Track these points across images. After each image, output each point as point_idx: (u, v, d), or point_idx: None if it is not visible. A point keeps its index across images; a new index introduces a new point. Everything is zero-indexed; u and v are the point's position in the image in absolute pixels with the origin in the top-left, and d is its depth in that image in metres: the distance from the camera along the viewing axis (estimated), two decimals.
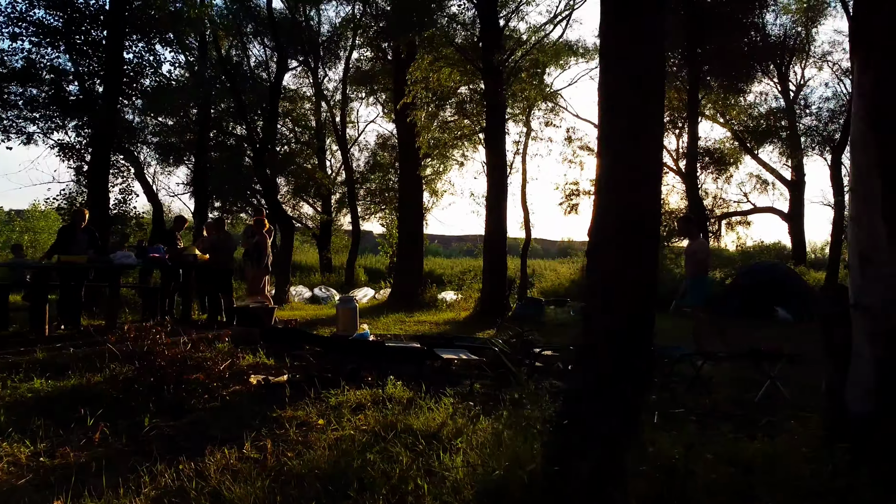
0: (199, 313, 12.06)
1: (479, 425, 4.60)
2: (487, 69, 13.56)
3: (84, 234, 10.07)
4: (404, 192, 17.17)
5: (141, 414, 4.72)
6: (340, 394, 5.44)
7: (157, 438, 4.31)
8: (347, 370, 6.38)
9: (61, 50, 13.62)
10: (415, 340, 8.60)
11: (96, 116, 13.07)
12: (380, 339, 9.34)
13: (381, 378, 6.09)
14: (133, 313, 12.07)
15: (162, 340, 6.05)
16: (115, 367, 5.91)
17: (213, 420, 4.77)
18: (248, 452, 3.95)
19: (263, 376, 5.98)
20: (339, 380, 5.93)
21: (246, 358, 6.91)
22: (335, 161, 28.88)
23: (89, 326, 10.22)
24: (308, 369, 6.67)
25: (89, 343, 8.47)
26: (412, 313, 14.09)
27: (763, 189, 27.27)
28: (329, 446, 4.01)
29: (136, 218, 16.93)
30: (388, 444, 4.00)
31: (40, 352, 7.37)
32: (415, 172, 16.69)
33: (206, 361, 5.95)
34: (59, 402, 5.06)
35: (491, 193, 13.87)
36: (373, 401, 5.25)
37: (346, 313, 9.88)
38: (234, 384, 5.76)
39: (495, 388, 5.77)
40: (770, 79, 25.94)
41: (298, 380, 6.01)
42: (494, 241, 13.81)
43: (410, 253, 16.80)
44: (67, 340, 8.67)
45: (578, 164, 23.72)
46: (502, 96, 13.75)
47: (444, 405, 5.08)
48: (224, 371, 5.90)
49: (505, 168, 14.06)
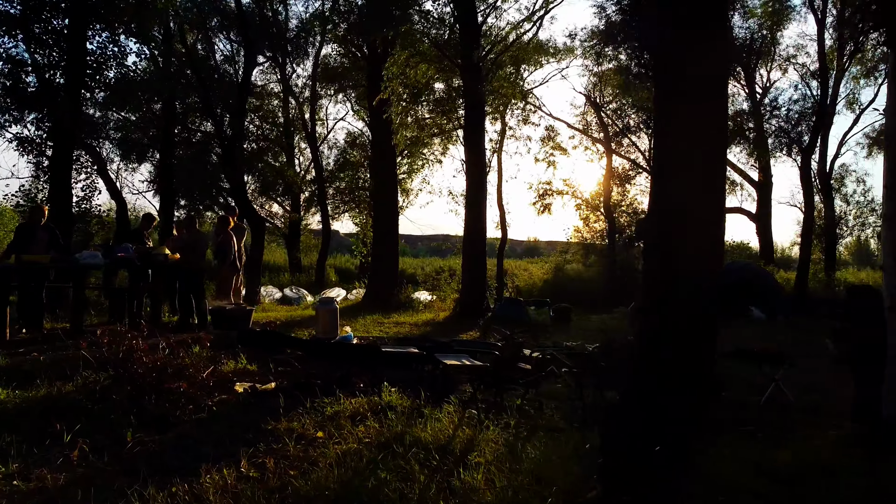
0: (168, 315, 11.56)
1: (488, 435, 4.36)
2: (466, 66, 13.33)
3: (45, 233, 9.47)
4: (379, 190, 16.82)
5: (122, 428, 4.35)
6: (335, 402, 5.13)
7: (142, 455, 3.94)
8: (338, 376, 6.05)
9: (19, 39, 12.90)
10: (401, 343, 8.32)
11: (58, 109, 12.40)
12: (363, 341, 9.02)
13: (373, 384, 5.80)
14: (99, 316, 11.53)
15: (139, 346, 5.67)
16: (89, 374, 5.50)
17: (202, 434, 4.41)
18: (246, 471, 3.63)
19: (250, 384, 5.62)
20: (331, 387, 5.61)
21: (228, 364, 6.53)
22: (304, 159, 28.36)
23: (53, 330, 9.71)
24: (295, 375, 6.33)
25: (54, 348, 8.00)
26: (389, 314, 13.77)
27: (731, 189, 27.68)
28: (335, 463, 3.71)
29: (99, 216, 16.22)
30: (398, 460, 3.72)
31: (2, 357, 6.90)
32: (390, 171, 16.37)
33: (187, 369, 5.58)
34: (29, 416, 4.65)
35: (470, 192, 13.63)
36: (371, 410, 4.96)
37: (326, 315, 9.51)
38: (218, 393, 5.39)
39: (496, 395, 5.53)
40: (736, 80, 26.30)
41: (287, 387, 5.67)
42: (473, 240, 13.58)
43: (385, 253, 16.46)
44: (30, 345, 8.16)
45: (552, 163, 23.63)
46: (481, 93, 13.52)
47: (447, 414, 4.83)
48: (207, 379, 5.54)
49: (484, 166, 13.85)
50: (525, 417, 5.06)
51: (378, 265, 16.62)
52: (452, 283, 20.73)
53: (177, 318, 11.19)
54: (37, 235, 9.30)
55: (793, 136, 22.93)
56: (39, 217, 9.47)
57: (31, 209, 10.26)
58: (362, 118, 27.62)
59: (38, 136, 13.05)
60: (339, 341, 8.19)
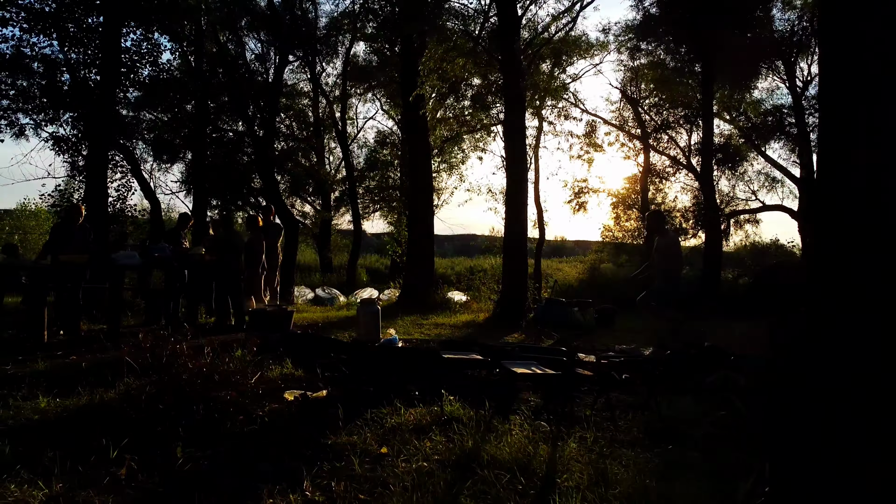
0: (205, 317, 11.33)
1: (568, 451, 3.94)
2: (506, 59, 12.89)
3: (81, 232, 9.29)
4: (414, 189, 16.44)
5: (170, 441, 4.02)
6: (394, 413, 4.75)
7: (194, 474, 3.59)
8: (391, 383, 5.67)
9: (53, 37, 12.81)
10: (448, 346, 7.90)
11: (93, 108, 12.26)
12: (407, 344, 8.65)
13: (430, 392, 5.42)
14: (135, 317, 11.34)
15: (183, 350, 5.35)
16: (131, 381, 5.19)
17: (256, 448, 4.05)
18: (311, 495, 3.26)
19: (300, 392, 5.26)
20: (386, 395, 5.24)
21: (273, 369, 6.20)
22: (334, 158, 28.18)
23: (90, 332, 9.51)
24: (345, 382, 5.96)
25: (93, 350, 7.78)
26: (427, 315, 13.40)
27: (771, 187, 26.85)
28: (410, 486, 3.32)
29: (133, 217, 16.13)
30: (479, 483, 3.33)
31: (41, 362, 6.65)
32: (425, 169, 15.99)
33: (234, 375, 5.25)
34: (72, 427, 4.34)
35: (510, 189, 13.17)
36: (434, 422, 4.57)
37: (368, 317, 9.16)
38: (268, 402, 5.04)
39: (564, 404, 5.10)
40: (776, 75, 25.52)
41: (339, 395, 5.30)
42: (514, 239, 13.10)
43: (421, 253, 16.08)
44: (68, 348, 7.94)
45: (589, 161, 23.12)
46: (522, 87, 13.07)
47: (516, 427, 4.42)
48: (256, 386, 5.19)
49: (525, 162, 13.34)
50: (600, 430, 4.64)
51: (413, 265, 16.25)
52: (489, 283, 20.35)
53: (214, 319, 10.96)
54: (73, 235, 9.11)
55: None
56: (77, 216, 9.29)
57: (67, 208, 10.09)
58: (392, 117, 27.43)
59: (74, 136, 12.95)
60: (386, 345, 7.83)
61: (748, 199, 26.82)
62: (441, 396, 5.10)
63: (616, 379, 6.44)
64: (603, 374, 6.56)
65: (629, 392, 6.02)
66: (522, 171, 13.21)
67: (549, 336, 10.57)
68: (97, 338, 8.71)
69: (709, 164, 19.36)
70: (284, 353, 7.17)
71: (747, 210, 26.66)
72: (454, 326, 12.06)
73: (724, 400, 5.41)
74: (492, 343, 9.39)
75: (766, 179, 26.67)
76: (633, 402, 5.60)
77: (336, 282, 22.50)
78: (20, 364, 6.68)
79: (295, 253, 17.49)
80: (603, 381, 6.32)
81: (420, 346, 8.18)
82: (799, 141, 24.13)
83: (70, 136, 12.94)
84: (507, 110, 13.51)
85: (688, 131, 22.98)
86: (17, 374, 5.95)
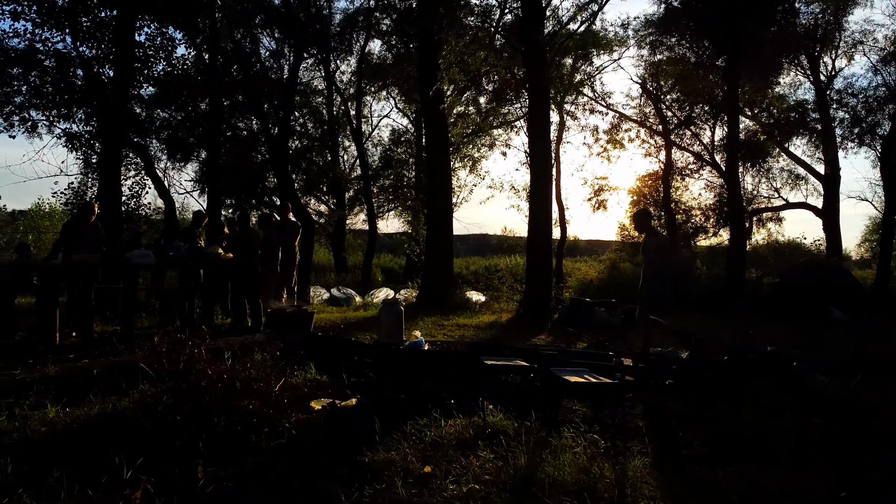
0: (221, 317, 10.98)
1: (632, 471, 3.52)
2: (530, 50, 12.44)
3: (92, 231, 8.90)
4: (432, 187, 16.00)
5: (190, 457, 3.62)
6: (432, 424, 4.33)
7: (218, 497, 3.20)
8: (424, 390, 5.25)
9: (66, 32, 12.49)
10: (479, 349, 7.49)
11: (106, 103, 11.93)
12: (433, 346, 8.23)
13: (464, 400, 5.00)
14: (149, 318, 11.02)
15: (202, 355, 4.98)
16: (146, 388, 4.81)
17: (285, 466, 3.65)
18: None
19: (328, 400, 4.85)
20: (421, 403, 4.83)
21: (297, 375, 5.80)
22: (348, 157, 27.81)
23: (104, 333, 9.19)
24: (374, 388, 5.55)
25: (106, 353, 7.44)
26: (447, 316, 12.99)
27: (794, 184, 26.19)
28: None
29: (147, 216, 15.82)
30: None
31: (52, 366, 6.30)
32: (443, 166, 15.55)
33: (256, 381, 4.86)
34: (82, 441, 3.95)
35: (534, 186, 12.72)
36: (477, 435, 4.15)
37: (391, 318, 8.77)
38: (294, 411, 4.63)
39: (616, 415, 4.67)
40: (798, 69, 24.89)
41: (368, 404, 4.89)
42: (538, 237, 12.65)
43: (439, 252, 15.65)
44: (81, 350, 7.60)
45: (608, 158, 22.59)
46: (546, 80, 12.61)
47: (569, 440, 4.00)
48: (280, 395, 4.80)
49: (549, 157, 12.89)
50: (658, 443, 4.20)
51: (432, 265, 15.82)
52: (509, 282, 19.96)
53: (230, 320, 10.62)
54: (85, 234, 8.74)
55: (866, 124, 21.49)
56: (89, 215, 8.90)
57: (80, 206, 9.74)
58: (407, 115, 27.05)
59: (87, 132, 12.65)
60: (412, 348, 7.43)
61: (770, 197, 26.26)
62: (480, 405, 4.68)
63: (663, 385, 6.01)
64: (648, 379, 6.13)
65: (678, 399, 5.57)
66: (547, 168, 12.77)
67: (579, 338, 10.14)
68: (110, 340, 8.40)
69: (734, 161, 18.83)
70: (306, 357, 6.78)
71: (771, 208, 26.04)
72: (477, 327, 11.65)
73: (786, 410, 4.96)
74: (521, 346, 8.96)
75: (790, 176, 26.09)
76: (687, 410, 5.16)
77: (351, 282, 22.14)
78: (30, 368, 6.34)
79: (311, 252, 17.14)
80: (649, 388, 5.90)
81: (447, 349, 7.76)
82: (823, 137, 23.53)
83: (83, 132, 12.62)
84: (532, 104, 13.06)
85: (711, 127, 22.41)
86: (25, 380, 5.60)
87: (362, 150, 25.16)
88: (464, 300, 15.64)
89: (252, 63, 20.01)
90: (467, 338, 10.33)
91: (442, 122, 15.04)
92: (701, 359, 7.15)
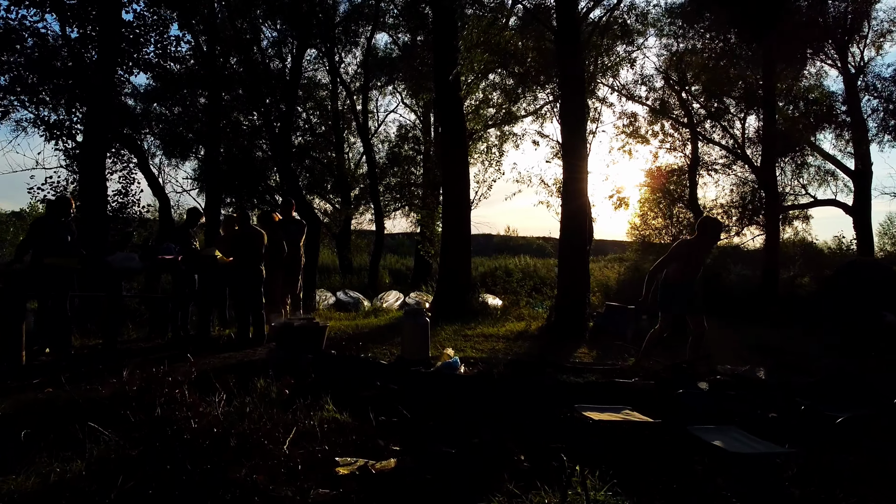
0: (218, 328, 9.71)
1: None
2: (563, 32, 11.13)
3: (65, 230, 7.57)
4: (449, 182, 14.66)
5: None
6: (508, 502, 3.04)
7: None
8: (486, 443, 3.93)
9: (46, 9, 11.20)
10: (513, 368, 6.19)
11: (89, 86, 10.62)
12: (470, 369, 6.93)
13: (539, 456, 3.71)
14: (138, 329, 9.76)
15: (186, 397, 3.70)
16: (111, 441, 3.52)
17: None
18: None
19: (359, 462, 3.52)
20: (482, 465, 3.53)
21: (310, 417, 4.45)
22: (353, 154, 26.54)
23: (83, 348, 7.96)
24: (411, 433, 4.24)
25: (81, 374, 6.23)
26: (470, 324, 11.69)
27: (823, 180, 24.85)
28: None
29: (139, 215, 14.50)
30: None
31: (3, 399, 5.04)
32: (461, 159, 14.22)
33: (257, 435, 3.57)
34: None
35: (567, 180, 11.40)
36: None
37: (416, 331, 7.47)
38: (312, 482, 3.32)
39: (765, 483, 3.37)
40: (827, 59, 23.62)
41: (413, 467, 3.58)
42: (573, 236, 11.32)
43: (458, 252, 14.31)
44: (50, 373, 6.33)
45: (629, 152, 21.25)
46: (580, 61, 11.30)
47: None
48: (292, 453, 3.50)
49: (585, 149, 11.60)
50: None
51: (448, 268, 14.48)
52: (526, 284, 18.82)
53: (227, 331, 9.36)
54: (57, 233, 7.42)
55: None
56: (63, 210, 7.58)
57: (51, 202, 8.37)
58: (414, 110, 25.80)
59: (69, 120, 11.31)
60: (445, 371, 6.14)
61: (797, 194, 24.95)
62: (564, 466, 3.36)
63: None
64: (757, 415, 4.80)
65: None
66: (581, 161, 11.45)
67: (629, 353, 8.85)
68: (90, 357, 7.18)
69: (770, 155, 17.57)
70: (319, 384, 5.50)
71: (799, 205, 24.74)
72: (506, 339, 10.36)
73: None
74: (568, 363, 7.71)
75: (818, 172, 24.77)
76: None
77: (358, 284, 20.89)
78: None
79: (317, 254, 15.87)
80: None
81: (488, 372, 6.43)
82: (854, 131, 22.25)
83: (63, 119, 11.27)
84: (564, 90, 11.71)
85: (741, 120, 21.13)
86: None
87: (369, 145, 23.91)
88: (483, 305, 14.38)
89: (254, 53, 18.77)
90: (499, 351, 9.06)
91: (459, 112, 13.71)
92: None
